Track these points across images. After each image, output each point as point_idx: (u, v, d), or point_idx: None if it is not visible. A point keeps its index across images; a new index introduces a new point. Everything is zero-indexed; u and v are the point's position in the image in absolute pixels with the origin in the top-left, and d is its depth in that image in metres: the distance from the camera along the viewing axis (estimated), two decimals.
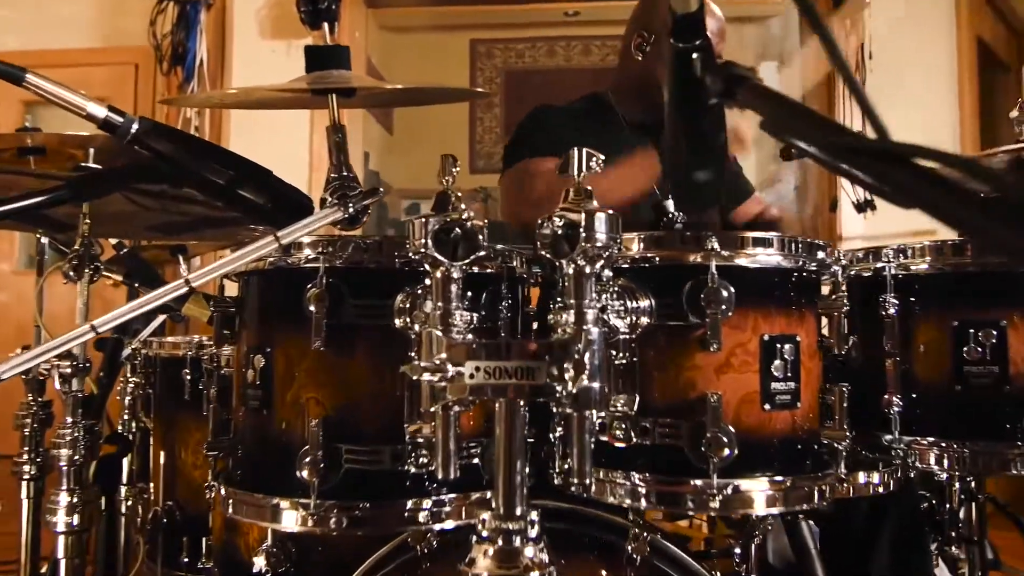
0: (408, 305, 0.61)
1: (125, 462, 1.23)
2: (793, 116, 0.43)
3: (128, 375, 1.34)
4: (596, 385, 0.48)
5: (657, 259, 0.65)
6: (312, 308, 0.61)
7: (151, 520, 1.15)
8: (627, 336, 0.62)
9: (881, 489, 0.76)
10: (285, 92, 0.79)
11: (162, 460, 1.20)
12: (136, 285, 1.26)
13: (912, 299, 0.85)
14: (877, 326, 0.83)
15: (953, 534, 1.02)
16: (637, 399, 0.63)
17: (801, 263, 0.69)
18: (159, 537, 1.14)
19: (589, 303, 0.50)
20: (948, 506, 1.03)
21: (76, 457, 0.89)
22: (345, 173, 0.68)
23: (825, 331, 0.72)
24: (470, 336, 0.52)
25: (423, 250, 0.52)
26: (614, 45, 6.65)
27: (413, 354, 0.59)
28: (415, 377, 0.51)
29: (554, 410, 0.51)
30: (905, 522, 1.13)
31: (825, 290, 0.76)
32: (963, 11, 2.66)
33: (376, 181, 4.45)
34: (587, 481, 0.62)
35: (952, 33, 2.64)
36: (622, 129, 1.53)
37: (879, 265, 0.86)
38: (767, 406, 0.66)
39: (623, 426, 0.62)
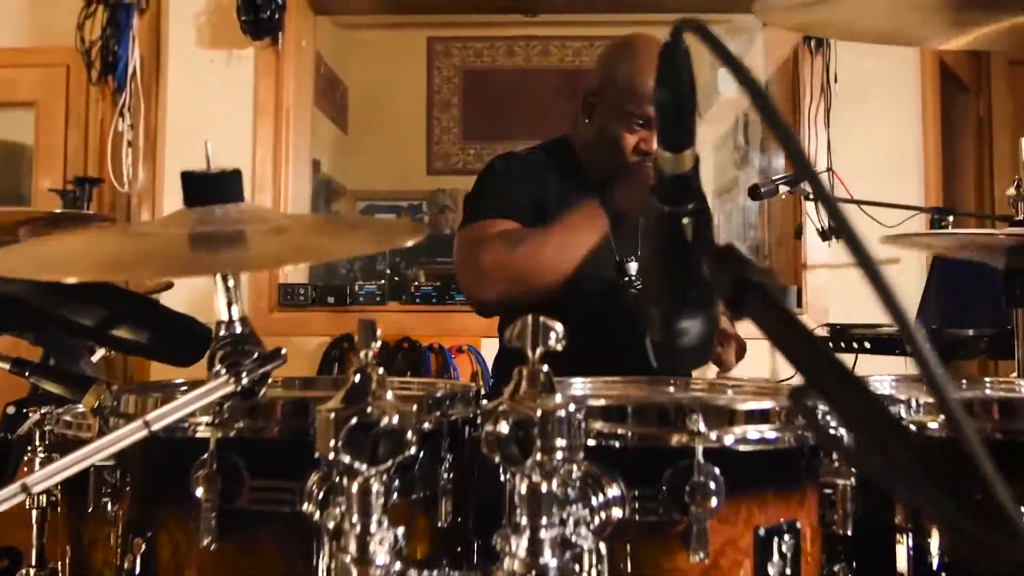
0: (320, 493, 0.49)
1: None
2: (802, 346, 0.33)
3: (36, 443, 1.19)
4: None
5: (630, 436, 0.54)
6: (200, 492, 0.49)
7: None
8: (593, 544, 0.51)
9: None
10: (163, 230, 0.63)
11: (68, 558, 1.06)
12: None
13: None
14: (884, 496, 0.71)
15: None
16: None
17: (804, 440, 0.58)
18: None
19: (547, 526, 0.40)
20: None
21: None
22: (239, 330, 0.55)
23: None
24: (396, 566, 0.40)
25: (331, 455, 0.40)
26: (573, 46, 6.57)
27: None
28: None
29: None
30: None
31: None
32: None
33: (327, 188, 4.27)
34: None
35: (915, 55, 2.60)
36: (586, 178, 1.43)
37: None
38: None
39: None
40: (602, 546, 0.50)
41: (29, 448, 1.03)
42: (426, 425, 0.55)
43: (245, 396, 0.51)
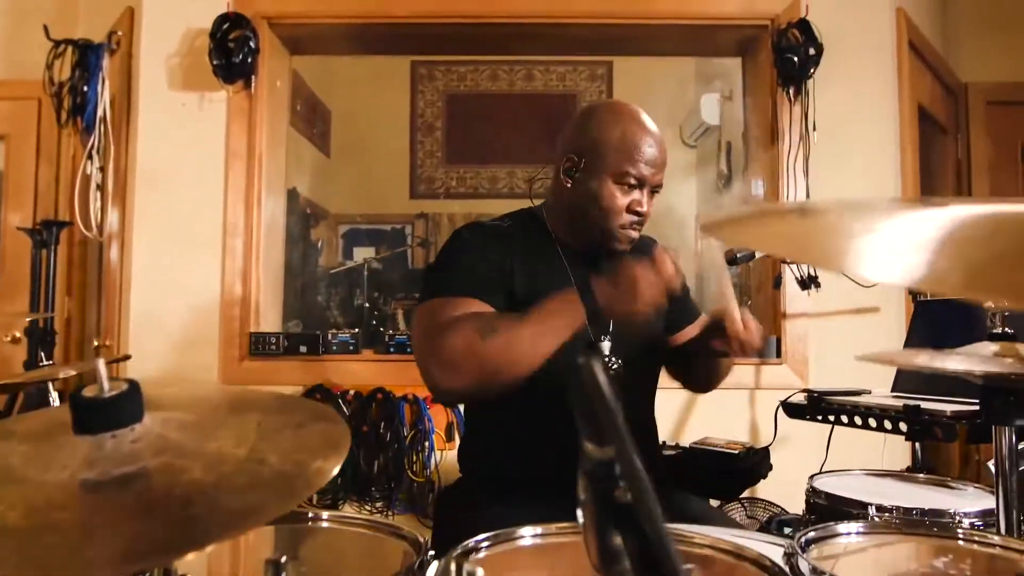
0: None
1: None
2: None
3: None
4: None
5: None
6: None
7: None
8: None
9: None
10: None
11: None
12: None
13: None
14: None
15: None
16: None
17: None
18: None
19: None
20: None
21: None
22: None
23: None
24: None
25: None
26: (557, 71, 6.58)
27: None
28: None
29: None
30: None
31: None
32: (904, 79, 2.62)
33: (304, 218, 4.22)
34: None
35: (895, 101, 2.60)
36: (554, 250, 1.39)
37: None
38: None
39: None
40: None
41: None
42: None
43: None
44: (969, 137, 3.31)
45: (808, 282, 2.44)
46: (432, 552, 0.76)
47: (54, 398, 1.40)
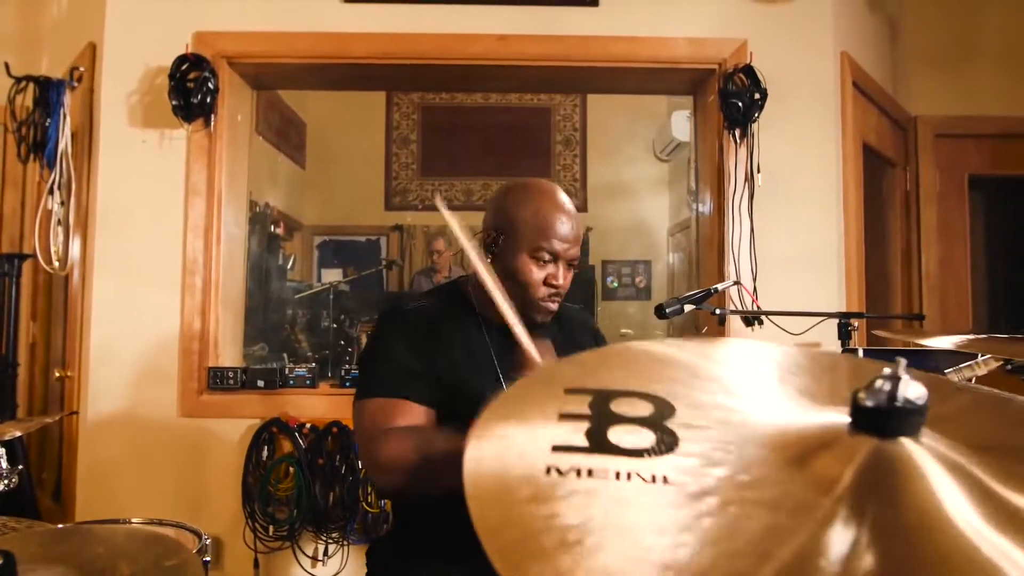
0: None
1: None
2: None
3: None
4: None
5: None
6: None
7: None
8: None
9: None
10: None
11: None
12: None
13: None
14: None
15: None
16: None
17: None
18: None
19: None
20: None
21: None
22: None
23: None
24: None
25: None
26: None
27: None
28: None
29: None
30: None
31: None
32: (848, 119, 2.72)
33: (272, 238, 4.26)
34: None
35: (837, 140, 2.69)
36: (476, 324, 1.46)
37: None
38: None
39: None
40: None
41: None
42: None
43: None
44: (918, 168, 3.42)
45: (752, 320, 2.52)
46: None
47: (0, 455, 1.46)
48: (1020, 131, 3.38)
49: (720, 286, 2.14)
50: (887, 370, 0.42)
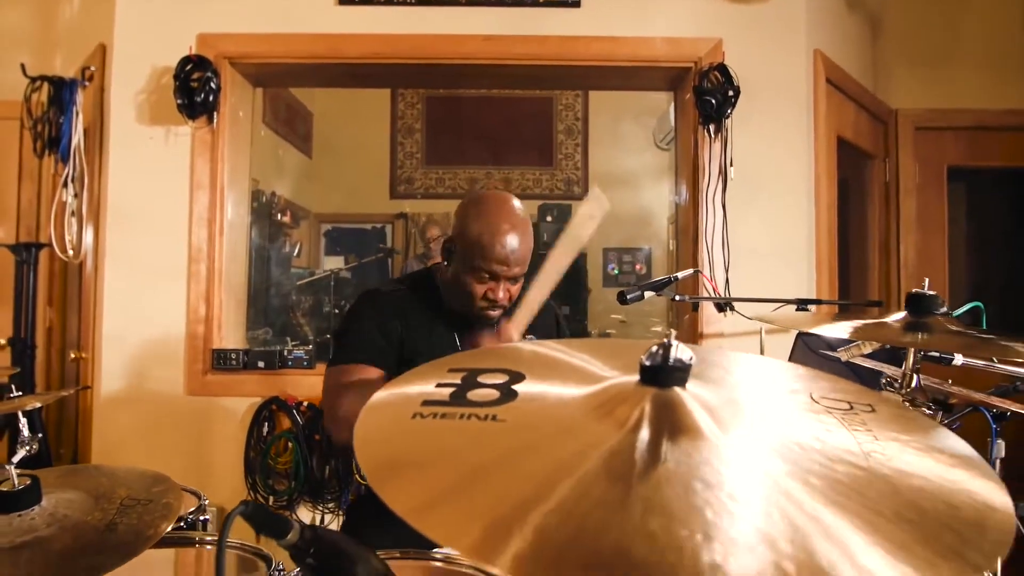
0: None
1: None
2: None
3: None
4: None
5: None
6: None
7: None
8: None
9: None
10: None
11: None
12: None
13: None
14: None
15: None
16: None
17: None
18: None
19: None
20: None
21: None
22: None
23: None
24: None
25: None
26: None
27: None
28: None
29: None
30: None
31: None
32: (820, 114, 2.83)
33: (277, 225, 4.43)
34: None
35: (810, 136, 2.81)
36: (440, 311, 1.61)
37: None
38: None
39: None
40: None
41: None
42: None
43: None
44: (898, 161, 3.52)
45: (724, 306, 2.66)
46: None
47: (23, 424, 1.63)
48: (998, 123, 3.48)
49: (680, 274, 2.28)
50: (665, 340, 0.58)
